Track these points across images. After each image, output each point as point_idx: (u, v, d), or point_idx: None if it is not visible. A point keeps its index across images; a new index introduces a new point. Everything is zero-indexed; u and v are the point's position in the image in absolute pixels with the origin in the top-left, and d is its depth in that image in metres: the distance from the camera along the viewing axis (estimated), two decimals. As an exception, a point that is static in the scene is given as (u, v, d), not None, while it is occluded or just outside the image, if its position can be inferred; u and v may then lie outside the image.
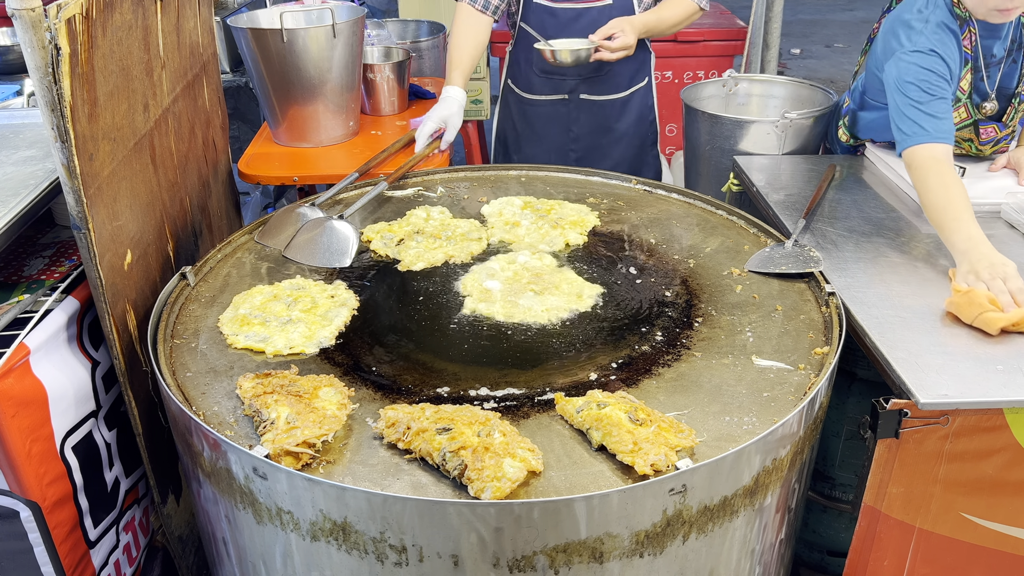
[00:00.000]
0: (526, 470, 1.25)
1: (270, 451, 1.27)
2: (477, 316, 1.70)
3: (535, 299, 1.74)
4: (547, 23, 2.66)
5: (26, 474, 1.50)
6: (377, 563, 1.27)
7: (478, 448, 1.25)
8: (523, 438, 1.31)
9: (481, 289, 1.78)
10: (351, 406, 1.41)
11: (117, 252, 1.61)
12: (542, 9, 2.65)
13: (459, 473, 1.24)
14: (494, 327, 1.67)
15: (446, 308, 1.74)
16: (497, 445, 1.26)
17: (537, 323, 1.67)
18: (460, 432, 1.28)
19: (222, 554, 1.57)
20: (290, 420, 1.32)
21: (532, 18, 2.67)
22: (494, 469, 1.22)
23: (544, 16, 2.66)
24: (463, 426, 1.29)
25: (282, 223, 2.02)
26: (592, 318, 1.70)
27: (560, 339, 1.63)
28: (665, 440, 1.28)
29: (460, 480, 1.24)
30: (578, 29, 2.61)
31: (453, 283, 1.83)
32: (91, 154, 1.48)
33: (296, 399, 1.37)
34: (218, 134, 2.42)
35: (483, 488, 1.20)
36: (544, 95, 2.80)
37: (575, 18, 2.63)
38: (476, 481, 1.21)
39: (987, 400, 1.47)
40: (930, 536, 1.63)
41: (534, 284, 1.79)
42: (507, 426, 1.33)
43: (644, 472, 1.23)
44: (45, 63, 1.33)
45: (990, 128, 2.23)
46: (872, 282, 1.81)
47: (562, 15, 2.64)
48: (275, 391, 1.40)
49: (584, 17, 2.63)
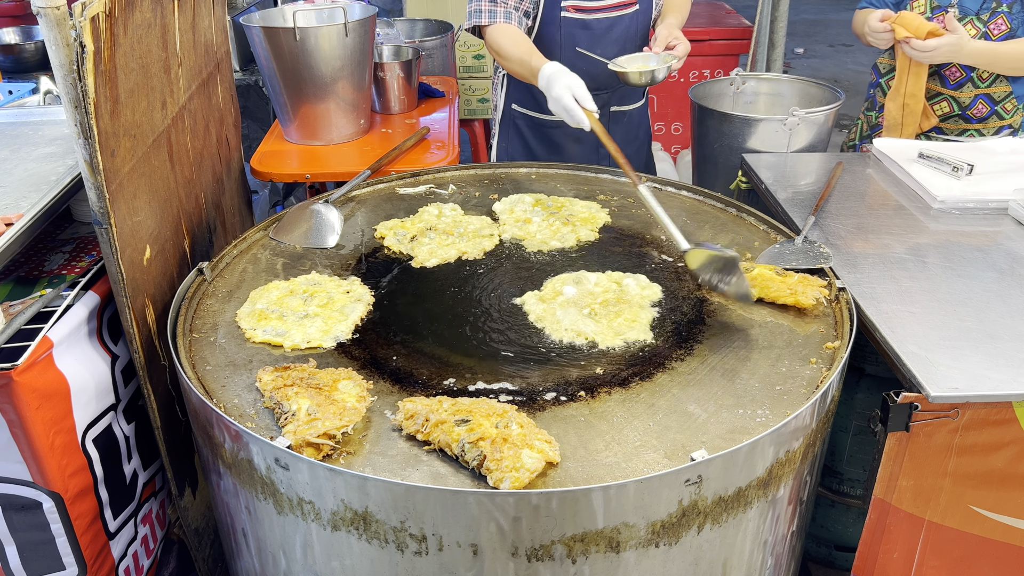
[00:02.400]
0: (544, 461, 1.27)
1: (292, 442, 1.29)
2: (491, 311, 1.72)
3: (577, 316, 1.68)
4: (579, 37, 2.50)
5: (49, 465, 1.52)
6: (397, 552, 1.29)
7: (496, 439, 1.27)
8: (540, 430, 1.33)
9: (556, 292, 1.76)
10: (370, 398, 1.43)
11: (137, 247, 1.64)
12: (573, 23, 2.49)
13: (478, 464, 1.26)
14: (507, 321, 1.69)
15: (460, 303, 1.76)
16: (515, 436, 1.28)
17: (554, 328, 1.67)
18: (478, 424, 1.30)
19: (241, 546, 1.59)
20: (311, 412, 1.34)
21: (558, 32, 2.50)
22: (513, 460, 1.24)
23: (576, 30, 2.50)
24: (481, 418, 1.32)
25: (297, 219, 2.04)
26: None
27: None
28: (809, 283, 1.70)
29: (479, 471, 1.26)
30: (612, 39, 2.52)
31: (466, 279, 1.86)
32: (113, 150, 1.51)
33: (316, 391, 1.40)
34: (231, 132, 2.44)
35: (502, 478, 1.23)
36: None
37: (609, 28, 2.52)
38: (495, 471, 1.24)
39: (997, 394, 1.48)
40: (939, 529, 1.65)
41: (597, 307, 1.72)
42: (524, 418, 1.35)
43: (809, 305, 1.65)
44: (70, 60, 1.36)
45: (940, 17, 2.41)
46: (882, 278, 1.83)
47: (596, 27, 2.51)
48: (295, 384, 1.42)
49: (618, 26, 2.53)
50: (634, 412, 1.42)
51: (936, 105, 2.57)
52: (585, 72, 2.48)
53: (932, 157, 2.32)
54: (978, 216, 2.12)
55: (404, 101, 3.07)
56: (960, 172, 2.24)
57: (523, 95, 2.70)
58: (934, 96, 2.57)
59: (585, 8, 2.49)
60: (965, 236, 2.02)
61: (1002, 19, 2.42)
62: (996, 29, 2.41)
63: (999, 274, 1.84)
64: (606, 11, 2.51)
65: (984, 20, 2.42)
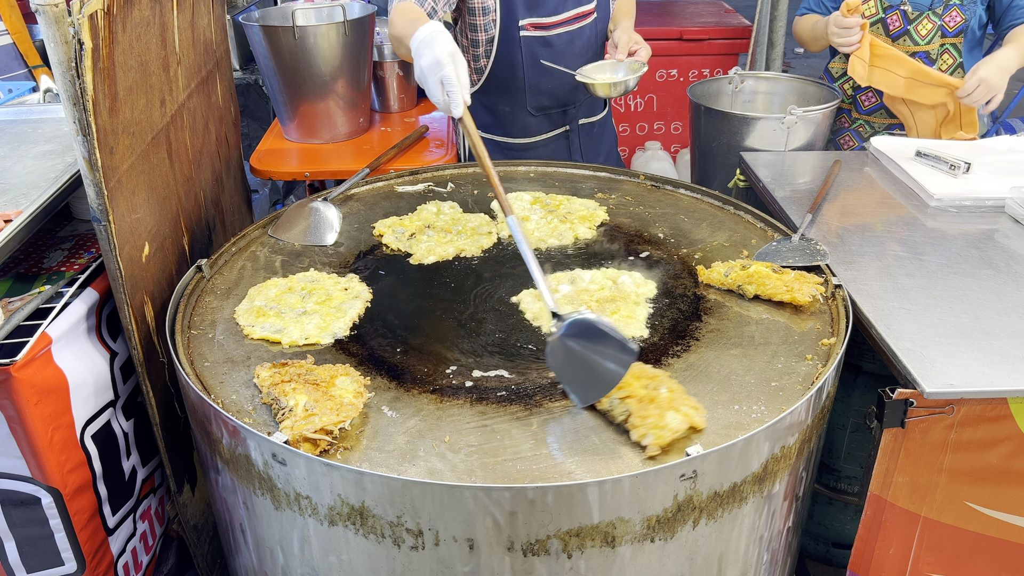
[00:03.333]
0: (688, 424, 1.34)
1: (289, 437, 1.30)
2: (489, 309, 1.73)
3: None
4: (541, 54, 2.43)
5: (48, 461, 1.53)
6: (394, 547, 1.30)
7: (644, 399, 1.36)
8: (689, 396, 1.39)
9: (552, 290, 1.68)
10: (367, 395, 1.44)
11: (135, 244, 1.64)
12: (534, 41, 2.42)
13: (624, 419, 1.36)
14: (504, 319, 1.69)
15: (458, 301, 1.77)
16: (662, 398, 1.36)
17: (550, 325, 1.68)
18: (628, 383, 1.40)
19: (239, 541, 1.60)
20: (308, 407, 1.35)
21: (519, 52, 2.42)
22: (657, 419, 1.32)
23: (537, 48, 2.43)
24: (632, 378, 1.41)
25: (295, 217, 2.05)
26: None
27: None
28: (805, 280, 1.69)
29: (624, 426, 1.36)
30: (575, 52, 2.47)
31: (464, 276, 1.86)
32: (111, 148, 1.51)
33: (314, 387, 1.40)
34: (231, 130, 2.45)
35: (645, 434, 1.32)
36: (543, 134, 2.61)
37: (571, 42, 2.46)
38: (639, 427, 1.33)
39: (992, 390, 1.49)
40: (935, 525, 1.65)
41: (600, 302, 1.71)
42: (674, 384, 1.42)
43: (805, 302, 1.63)
44: (68, 58, 1.36)
45: (894, 16, 2.43)
46: (878, 275, 1.83)
47: (558, 42, 2.44)
48: (292, 380, 1.42)
49: (579, 39, 2.47)
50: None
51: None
52: (550, 90, 2.49)
53: (929, 155, 2.33)
54: (975, 214, 2.12)
55: (403, 100, 3.08)
56: (957, 170, 2.24)
57: (493, 122, 2.59)
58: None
59: (544, 25, 2.41)
60: (961, 234, 2.03)
61: (955, 11, 2.46)
62: (952, 21, 2.45)
63: (995, 271, 1.85)
64: (565, 24, 2.44)
65: (939, 14, 2.46)
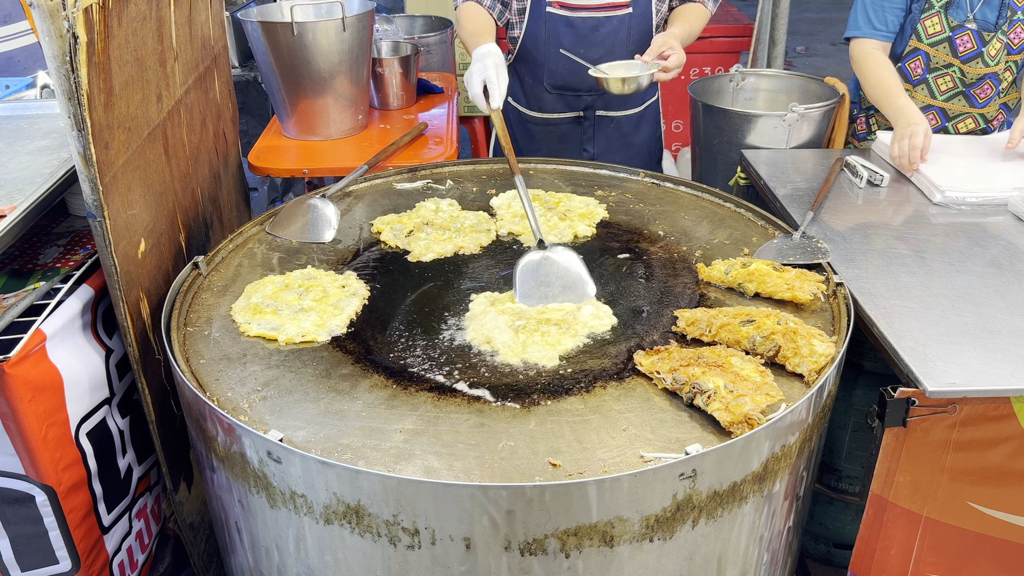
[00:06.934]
0: (833, 350, 1.46)
1: (730, 419, 1.30)
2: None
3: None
4: (563, 34, 2.47)
5: (42, 459, 1.51)
6: (390, 546, 1.29)
7: (787, 332, 1.46)
8: (812, 327, 1.52)
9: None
10: (770, 374, 1.43)
11: (131, 241, 1.63)
12: (557, 19, 2.45)
13: (772, 355, 1.46)
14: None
15: (456, 299, 1.76)
16: (802, 330, 1.46)
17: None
18: (763, 323, 1.49)
19: (235, 540, 1.59)
20: (731, 388, 1.36)
21: (542, 28, 2.48)
22: (809, 348, 1.42)
23: (559, 26, 2.46)
24: (763, 318, 1.51)
25: (293, 214, 2.04)
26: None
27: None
28: (806, 278, 1.68)
29: (773, 360, 1.46)
30: (597, 40, 2.47)
31: (463, 274, 1.85)
32: (107, 143, 1.50)
33: (719, 369, 1.42)
34: (229, 127, 2.43)
35: (800, 363, 1.42)
36: (557, 113, 2.64)
37: (594, 28, 2.47)
38: (793, 358, 1.43)
39: (994, 389, 1.48)
40: (937, 525, 1.64)
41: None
42: (795, 317, 1.53)
43: (806, 300, 1.64)
44: (63, 52, 1.35)
45: (965, 37, 2.35)
46: (880, 273, 1.82)
47: (580, 25, 2.46)
48: (690, 363, 1.44)
49: (604, 27, 2.47)
50: (629, 406, 1.41)
51: (961, 123, 2.52)
52: (569, 72, 2.50)
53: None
54: (977, 212, 2.11)
55: (402, 97, 3.06)
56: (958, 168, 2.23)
57: (518, 90, 2.68)
58: (959, 115, 2.51)
59: (570, 5, 2.45)
60: (964, 232, 2.01)
61: (1020, 26, 2.37)
62: (1016, 38, 2.38)
63: (998, 269, 1.83)
64: (592, 10, 2.45)
65: (1005, 31, 2.37)
